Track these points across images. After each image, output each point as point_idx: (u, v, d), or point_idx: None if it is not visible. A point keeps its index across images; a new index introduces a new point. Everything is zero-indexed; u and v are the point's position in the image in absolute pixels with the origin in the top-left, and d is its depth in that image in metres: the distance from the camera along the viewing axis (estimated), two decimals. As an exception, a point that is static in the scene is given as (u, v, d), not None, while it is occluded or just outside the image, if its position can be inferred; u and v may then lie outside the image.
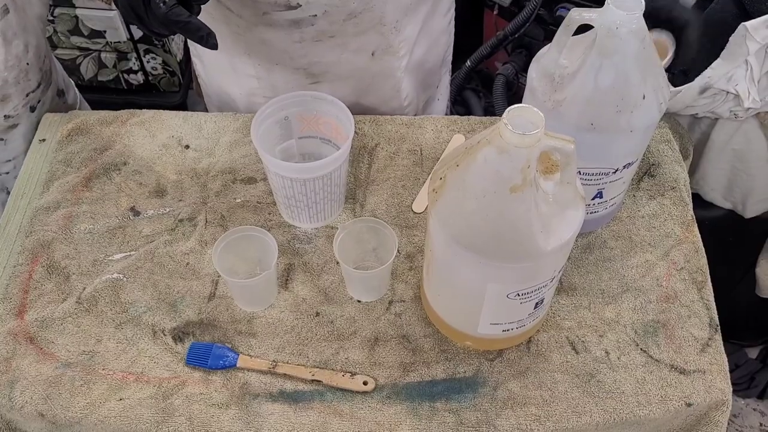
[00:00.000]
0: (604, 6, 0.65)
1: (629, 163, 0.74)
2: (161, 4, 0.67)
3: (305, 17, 0.83)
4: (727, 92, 0.90)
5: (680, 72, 0.94)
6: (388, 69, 0.95)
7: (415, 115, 1.05)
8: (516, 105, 0.57)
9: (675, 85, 0.94)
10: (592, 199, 0.77)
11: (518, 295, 0.65)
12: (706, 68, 0.91)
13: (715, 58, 0.90)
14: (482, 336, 0.72)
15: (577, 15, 0.66)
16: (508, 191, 0.57)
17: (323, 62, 0.91)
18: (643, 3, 0.63)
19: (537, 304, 0.68)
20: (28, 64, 0.90)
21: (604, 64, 0.66)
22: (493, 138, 0.57)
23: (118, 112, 0.96)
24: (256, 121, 0.78)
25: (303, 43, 0.87)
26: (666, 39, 0.97)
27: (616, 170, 0.74)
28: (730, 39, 0.88)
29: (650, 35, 0.67)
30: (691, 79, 0.92)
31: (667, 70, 0.97)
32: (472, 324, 0.71)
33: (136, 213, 0.86)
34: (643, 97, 0.68)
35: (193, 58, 1.01)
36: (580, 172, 0.72)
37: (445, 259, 0.67)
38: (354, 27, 0.86)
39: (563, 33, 0.68)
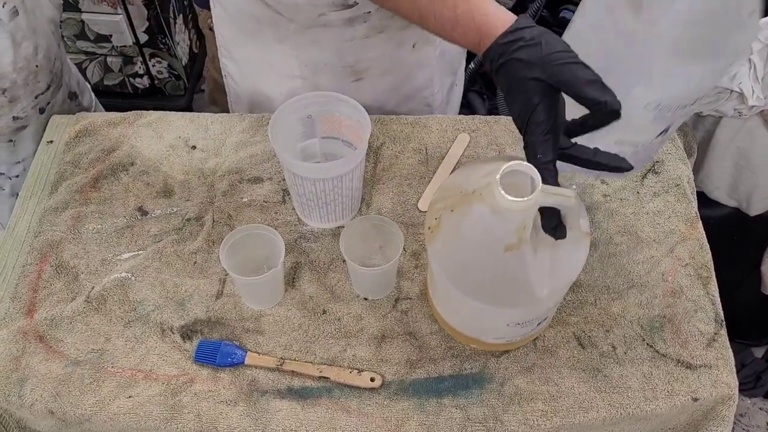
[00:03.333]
0: None
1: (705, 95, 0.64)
2: None
3: (360, 14, 0.84)
4: (731, 90, 0.91)
5: (684, 70, 0.95)
6: (425, 59, 0.96)
7: (442, 101, 1.06)
8: (511, 164, 0.52)
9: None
10: (657, 136, 0.65)
11: (518, 324, 0.65)
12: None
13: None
14: (488, 342, 0.72)
15: None
16: (502, 250, 0.55)
17: (369, 58, 0.91)
18: None
19: (539, 323, 0.68)
20: (37, 66, 0.91)
21: None
22: (487, 195, 0.53)
23: (125, 113, 0.96)
24: (278, 115, 0.78)
25: (354, 41, 0.88)
26: None
27: (695, 102, 0.63)
28: (734, 37, 0.89)
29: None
30: (695, 77, 0.92)
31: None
32: (478, 334, 0.71)
33: (144, 213, 0.86)
34: (750, 15, 0.55)
35: (223, 60, 1.01)
36: (659, 104, 0.60)
37: (446, 288, 0.65)
38: (401, 20, 0.87)
39: None
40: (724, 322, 0.77)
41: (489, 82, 1.87)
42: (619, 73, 0.58)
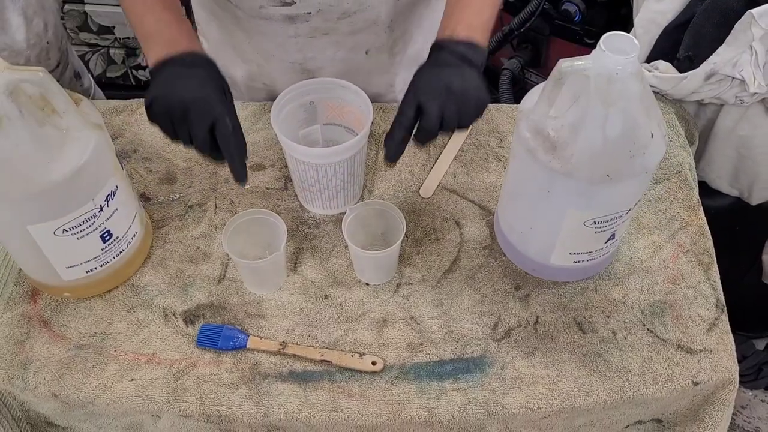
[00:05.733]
0: (595, 52, 0.60)
1: (639, 199, 0.72)
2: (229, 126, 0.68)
3: (300, 14, 0.85)
4: (733, 78, 0.91)
5: (686, 58, 0.95)
6: (383, 66, 0.97)
7: None
8: None
9: (681, 71, 0.94)
10: (606, 242, 0.73)
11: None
12: (711, 54, 0.91)
13: (721, 44, 0.90)
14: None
15: (568, 66, 0.60)
16: None
17: (318, 58, 0.92)
18: (637, 43, 0.59)
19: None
20: (48, 42, 0.91)
21: (609, 112, 0.61)
22: None
23: (128, 101, 0.97)
24: (279, 101, 0.79)
25: (298, 38, 0.88)
26: None
27: (629, 210, 0.71)
28: (736, 25, 0.89)
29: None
30: (697, 66, 0.92)
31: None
32: None
33: (147, 199, 0.87)
34: (652, 136, 0.64)
35: (200, 36, 1.03)
36: (595, 222, 0.70)
37: None
38: (348, 26, 0.88)
39: (554, 86, 0.63)
40: (725, 308, 0.77)
41: (490, 76, 1.87)
42: (554, 199, 0.69)
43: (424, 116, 0.68)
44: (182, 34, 0.74)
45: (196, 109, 0.68)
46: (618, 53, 0.59)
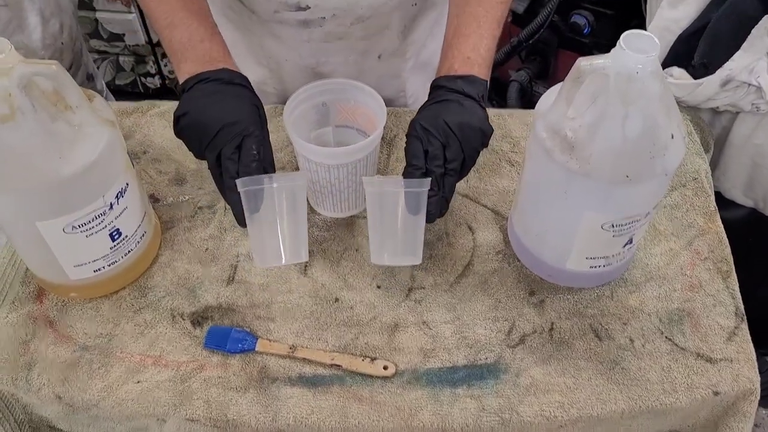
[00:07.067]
0: (615, 51, 0.59)
1: (658, 203, 0.71)
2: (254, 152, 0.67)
3: (314, 18, 0.85)
4: (749, 84, 0.90)
5: (701, 65, 0.94)
6: (394, 70, 0.97)
7: None
8: None
9: (696, 78, 0.93)
10: (623, 246, 0.72)
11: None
12: (727, 61, 0.90)
13: (737, 51, 0.90)
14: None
15: (587, 65, 0.60)
16: None
17: (330, 62, 0.92)
18: (658, 42, 0.59)
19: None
20: (62, 44, 0.91)
21: (629, 111, 0.60)
22: None
23: (139, 103, 0.97)
24: (293, 101, 0.78)
25: (311, 42, 0.88)
26: None
27: (648, 213, 0.70)
28: (752, 31, 0.88)
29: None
30: (712, 73, 0.92)
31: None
32: None
33: (156, 200, 0.86)
34: (672, 137, 0.63)
35: None
36: (612, 225, 0.68)
37: None
38: (362, 31, 0.88)
39: (573, 86, 0.62)
40: (745, 317, 0.75)
41: (498, 87, 1.87)
42: (571, 201, 0.67)
43: (428, 156, 0.68)
44: (217, 49, 0.73)
45: (229, 130, 0.67)
46: (638, 52, 0.58)
